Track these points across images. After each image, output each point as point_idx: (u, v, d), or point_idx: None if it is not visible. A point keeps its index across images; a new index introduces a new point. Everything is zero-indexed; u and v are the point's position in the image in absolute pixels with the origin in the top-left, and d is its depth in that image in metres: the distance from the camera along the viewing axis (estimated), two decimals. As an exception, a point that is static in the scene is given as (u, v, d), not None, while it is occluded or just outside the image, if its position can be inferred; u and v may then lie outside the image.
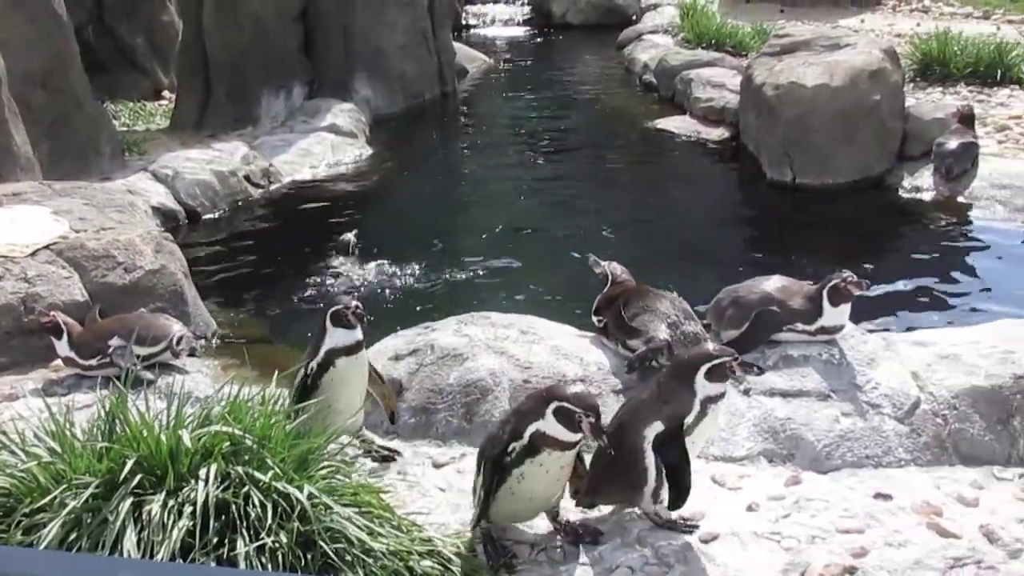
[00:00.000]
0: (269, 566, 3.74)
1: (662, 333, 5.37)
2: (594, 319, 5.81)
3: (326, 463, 4.37)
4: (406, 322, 6.18)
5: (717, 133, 11.94)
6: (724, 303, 5.71)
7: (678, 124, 12.50)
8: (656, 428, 4.36)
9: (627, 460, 4.42)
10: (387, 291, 8.22)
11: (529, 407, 4.29)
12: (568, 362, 5.54)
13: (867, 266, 7.90)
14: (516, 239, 9.30)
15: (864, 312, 6.94)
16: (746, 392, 5.29)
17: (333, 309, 4.84)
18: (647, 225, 9.64)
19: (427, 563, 4.24)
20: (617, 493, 4.60)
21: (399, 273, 8.47)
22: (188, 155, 10.53)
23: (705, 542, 4.46)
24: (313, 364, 4.86)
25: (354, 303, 4.84)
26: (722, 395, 4.41)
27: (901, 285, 7.84)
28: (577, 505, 4.68)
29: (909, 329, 6.24)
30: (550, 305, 6.86)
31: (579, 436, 4.19)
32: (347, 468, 4.50)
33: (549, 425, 4.16)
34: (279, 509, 3.89)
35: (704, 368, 4.32)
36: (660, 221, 9.72)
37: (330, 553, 3.94)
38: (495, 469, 4.29)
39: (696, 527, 4.51)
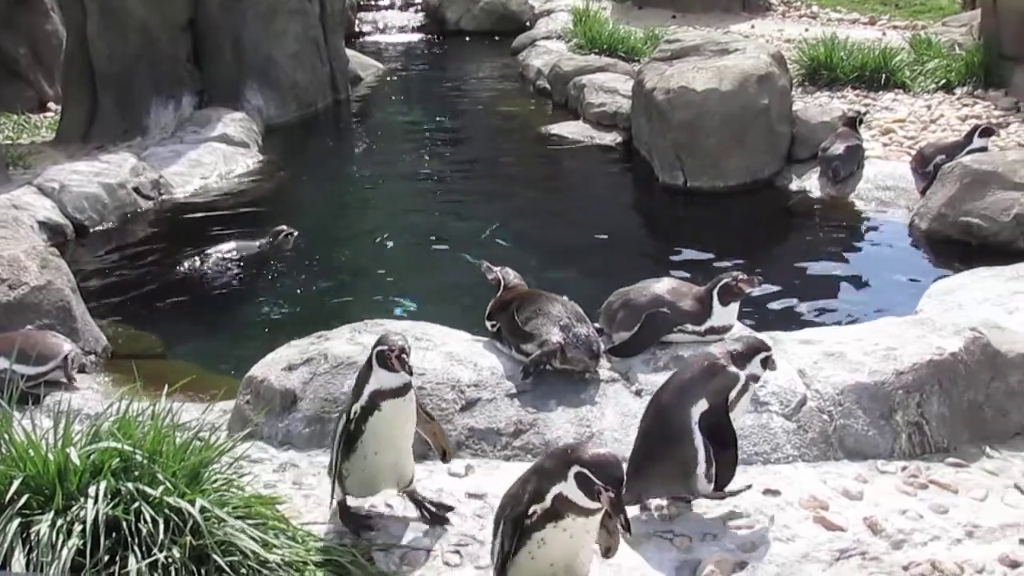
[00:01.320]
0: (162, 582, 3.75)
1: (555, 336, 5.44)
2: (487, 324, 5.87)
3: (219, 476, 4.38)
4: (300, 331, 6.17)
5: (610, 137, 12.11)
6: (615, 306, 5.81)
7: (571, 129, 12.64)
8: (701, 407, 4.56)
9: (676, 444, 4.59)
10: (281, 300, 8.21)
11: (551, 467, 3.94)
12: (462, 368, 5.59)
13: (757, 269, 8.08)
14: (410, 246, 9.35)
15: (753, 312, 7.13)
16: (638, 393, 5.40)
17: (379, 349, 4.46)
18: (541, 229, 9.72)
19: (322, 572, 4.28)
20: (667, 483, 4.67)
21: (293, 282, 8.46)
22: (75, 168, 10.37)
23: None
24: (357, 407, 4.53)
25: (399, 344, 4.45)
26: (759, 377, 4.78)
27: (790, 285, 8.02)
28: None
29: (796, 328, 6.37)
30: (444, 311, 6.88)
31: (600, 506, 3.86)
32: (240, 480, 4.51)
33: (571, 490, 3.83)
34: (171, 524, 3.90)
35: (761, 356, 4.70)
36: (554, 225, 9.82)
37: (224, 566, 3.95)
38: (515, 532, 3.99)
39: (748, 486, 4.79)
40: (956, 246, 8.44)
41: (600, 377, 5.53)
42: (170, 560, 3.82)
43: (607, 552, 4.21)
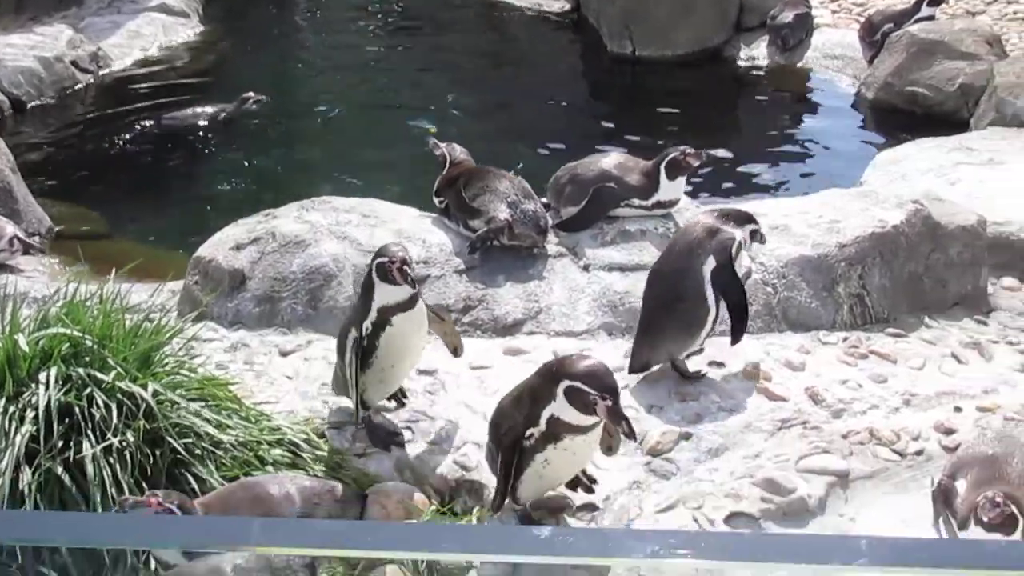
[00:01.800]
0: (117, 466, 3.81)
1: (502, 213, 5.47)
2: (435, 200, 5.87)
3: (170, 358, 4.42)
4: (247, 209, 6.16)
5: (559, 6, 11.92)
6: (563, 180, 5.83)
7: (520, -2, 12.46)
8: (711, 265, 4.75)
9: (691, 303, 4.78)
10: (227, 175, 8.15)
11: (539, 387, 3.90)
12: (411, 244, 5.58)
13: (705, 138, 8.13)
14: (356, 119, 9.27)
15: (701, 185, 7.20)
16: (586, 268, 5.47)
17: (378, 261, 4.32)
18: (489, 101, 9.68)
19: (277, 451, 4.37)
20: (675, 345, 4.85)
21: (238, 157, 8.40)
22: (8, 41, 10.10)
23: (548, 416, 4.65)
24: (367, 324, 4.38)
25: (400, 255, 4.30)
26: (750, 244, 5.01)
27: (737, 156, 8.09)
28: (631, 372, 4.83)
29: (743, 199, 6.45)
30: (392, 187, 6.89)
31: (596, 420, 3.85)
32: (192, 362, 4.56)
33: (563, 410, 3.80)
34: (124, 408, 3.95)
35: (751, 228, 4.93)
36: (502, 97, 9.76)
37: (179, 448, 4.03)
38: (514, 456, 3.95)
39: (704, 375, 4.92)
40: (902, 116, 8.50)
41: (548, 252, 5.59)
42: (124, 444, 3.89)
43: (608, 450, 4.22)
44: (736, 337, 4.86)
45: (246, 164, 8.35)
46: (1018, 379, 5.05)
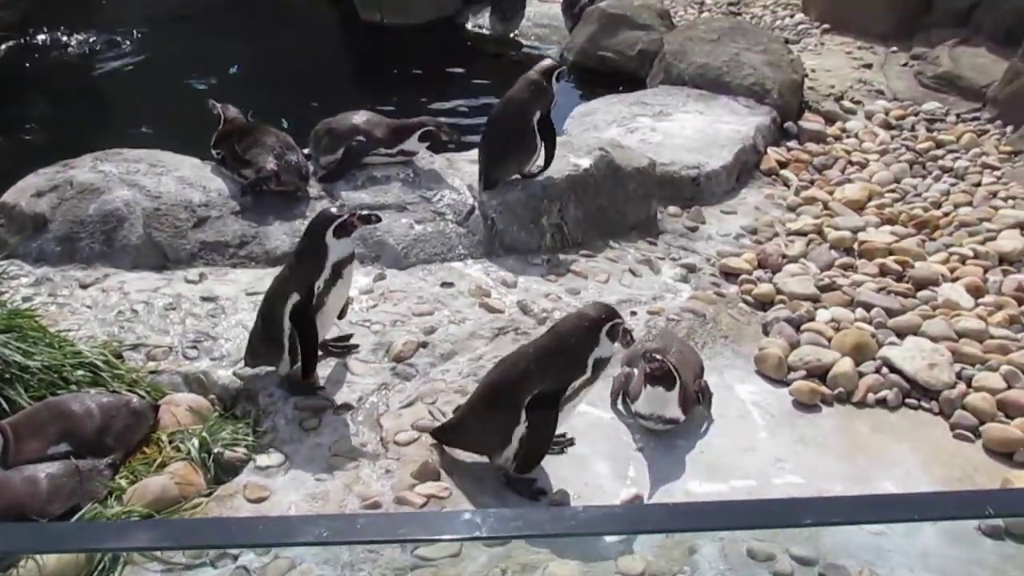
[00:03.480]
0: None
1: (269, 164, 5.37)
2: (213, 152, 5.70)
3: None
4: (44, 160, 5.79)
5: (320, -22, 11.58)
6: (320, 133, 5.74)
7: (284, -30, 11.99)
8: (537, 116, 5.48)
9: (523, 139, 5.48)
10: (26, 128, 7.61)
11: (579, 338, 3.69)
12: (193, 190, 5.45)
13: (436, 94, 8.18)
14: (144, 78, 8.79)
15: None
16: (341, 207, 5.39)
17: (338, 223, 4.05)
18: (260, 65, 9.26)
19: (79, 372, 4.20)
20: (517, 162, 5.52)
21: (34, 111, 7.84)
22: None
23: (311, 332, 4.64)
24: (320, 282, 4.09)
25: (354, 213, 4.14)
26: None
27: (466, 111, 8.10)
28: (486, 189, 5.50)
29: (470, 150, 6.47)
30: (176, 139, 6.57)
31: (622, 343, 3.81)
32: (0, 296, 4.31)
33: (604, 348, 3.70)
34: (-67, 343, 3.71)
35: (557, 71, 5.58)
36: (271, 61, 9.36)
37: (-12, 375, 3.83)
38: (554, 409, 3.69)
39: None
40: (596, 75, 8.65)
41: (311, 195, 5.51)
42: (-64, 374, 3.66)
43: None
44: (548, 163, 5.58)
45: (43, 117, 7.80)
46: (679, 287, 5.35)
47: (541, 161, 5.61)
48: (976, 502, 2.76)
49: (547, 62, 5.77)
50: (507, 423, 3.69)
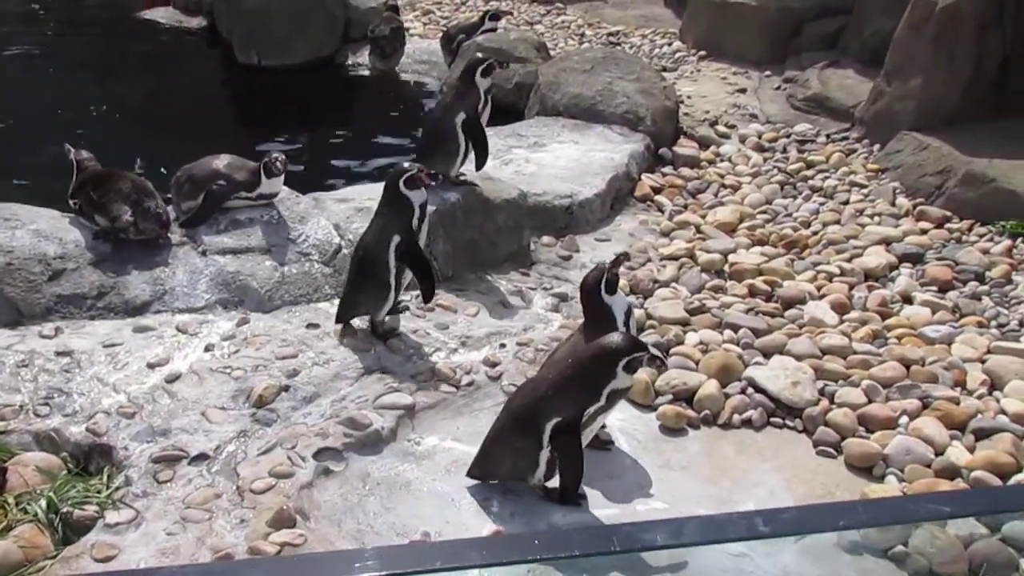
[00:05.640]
0: None
1: (126, 214, 5.27)
2: (70, 202, 5.58)
3: None
4: None
5: (196, 21, 11.50)
6: (182, 180, 5.67)
7: (163, 14, 11.88)
8: (461, 118, 5.64)
9: (448, 139, 5.64)
10: None
11: (595, 369, 3.78)
12: (48, 243, 5.30)
13: (317, 134, 8.15)
14: (5, 129, 8.57)
15: (304, 174, 7.16)
16: (204, 253, 5.36)
17: (406, 176, 4.72)
18: (131, 109, 9.15)
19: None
20: (442, 162, 5.58)
21: None
22: None
23: (170, 382, 4.56)
24: (415, 220, 4.79)
25: (422, 169, 4.79)
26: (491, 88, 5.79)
27: (340, 149, 8.09)
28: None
29: (343, 187, 6.47)
30: (33, 190, 6.43)
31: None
32: None
33: (621, 381, 3.79)
34: None
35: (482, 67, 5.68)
36: (142, 104, 9.27)
37: None
38: (579, 438, 3.81)
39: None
40: (474, 109, 8.71)
41: (172, 242, 5.43)
42: None
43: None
44: (479, 165, 5.79)
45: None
46: (550, 317, 5.39)
47: (473, 167, 5.75)
48: (831, 515, 2.81)
49: (475, 58, 5.90)
50: (531, 448, 3.87)
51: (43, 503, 3.84)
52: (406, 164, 4.84)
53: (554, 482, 3.97)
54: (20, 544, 3.67)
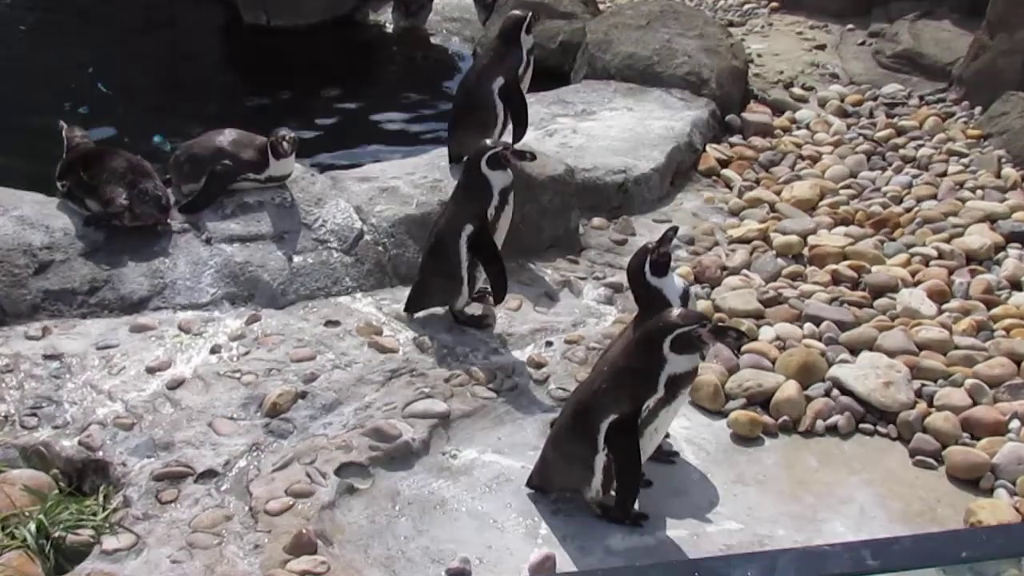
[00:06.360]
0: None
1: (120, 196, 5.30)
2: (58, 185, 5.62)
3: None
4: None
5: (198, -21, 11.54)
6: (181, 159, 5.70)
7: (159, -29, 11.95)
8: (499, 83, 5.73)
9: (483, 108, 5.76)
10: None
11: (644, 357, 3.75)
12: (34, 231, 5.33)
13: (332, 104, 8.16)
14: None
15: (327, 146, 7.16)
16: (208, 241, 5.38)
17: (490, 154, 4.84)
18: (129, 77, 9.18)
19: None
20: (474, 139, 5.27)
21: None
22: None
23: (172, 388, 4.59)
24: (492, 209, 4.92)
25: (507, 146, 4.96)
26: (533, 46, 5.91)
27: (364, 120, 8.10)
28: (452, 162, 5.74)
29: (366, 163, 6.46)
30: (16, 173, 6.47)
31: (700, 358, 3.85)
32: None
33: (676, 364, 3.73)
34: None
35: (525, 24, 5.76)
36: (137, 72, 9.27)
37: None
38: (636, 437, 3.78)
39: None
40: (513, 72, 8.67)
41: (172, 228, 5.45)
42: None
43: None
44: (516, 137, 5.77)
45: None
46: (603, 310, 5.36)
47: (509, 138, 5.68)
48: (952, 545, 2.73)
49: (514, 14, 5.93)
50: (586, 452, 3.85)
51: (32, 527, 3.87)
52: (489, 141, 4.97)
53: (612, 498, 3.94)
54: (7, 574, 3.70)
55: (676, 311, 3.83)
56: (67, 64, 9.23)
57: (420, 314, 5.13)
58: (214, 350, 4.82)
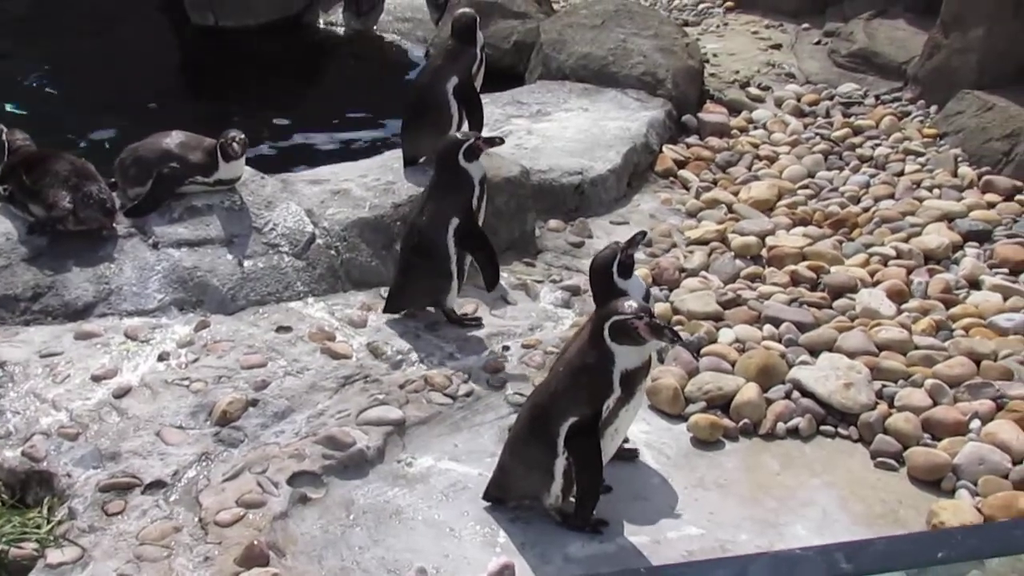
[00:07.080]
0: None
1: (64, 201, 5.21)
2: (0, 190, 5.52)
3: None
4: None
5: (145, -21, 11.41)
6: (127, 162, 5.61)
7: (103, -31, 11.80)
8: (453, 82, 5.78)
9: (436, 110, 5.79)
10: None
11: (595, 353, 3.70)
12: (-28, 237, 5.26)
13: (280, 104, 8.10)
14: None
15: (270, 154, 7.10)
16: (155, 245, 5.30)
17: (465, 146, 4.85)
18: (68, 78, 9.05)
19: None
20: (430, 136, 5.53)
21: None
22: None
23: (119, 397, 4.51)
24: (475, 200, 4.96)
25: (478, 136, 4.97)
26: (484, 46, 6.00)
27: (313, 122, 8.01)
28: (406, 165, 5.76)
29: (317, 165, 6.39)
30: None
31: (648, 347, 3.72)
32: None
33: (624, 357, 3.67)
34: None
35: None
36: (81, 73, 9.14)
37: None
38: (594, 436, 3.73)
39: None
40: (467, 73, 8.64)
41: (118, 233, 5.37)
42: None
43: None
44: (481, 130, 5.80)
45: None
46: (560, 314, 5.33)
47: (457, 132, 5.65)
48: (928, 546, 2.71)
49: (466, 12, 6.00)
50: (545, 457, 3.80)
51: (-27, 541, 3.79)
52: (458, 134, 5.04)
53: (572, 505, 3.91)
54: (-53, 590, 3.62)
55: (621, 301, 3.77)
56: (8, 65, 9.09)
57: (375, 319, 5.08)
58: (162, 357, 4.75)
